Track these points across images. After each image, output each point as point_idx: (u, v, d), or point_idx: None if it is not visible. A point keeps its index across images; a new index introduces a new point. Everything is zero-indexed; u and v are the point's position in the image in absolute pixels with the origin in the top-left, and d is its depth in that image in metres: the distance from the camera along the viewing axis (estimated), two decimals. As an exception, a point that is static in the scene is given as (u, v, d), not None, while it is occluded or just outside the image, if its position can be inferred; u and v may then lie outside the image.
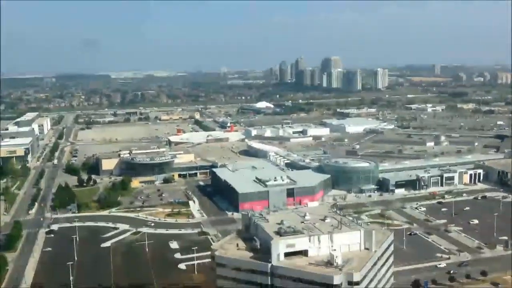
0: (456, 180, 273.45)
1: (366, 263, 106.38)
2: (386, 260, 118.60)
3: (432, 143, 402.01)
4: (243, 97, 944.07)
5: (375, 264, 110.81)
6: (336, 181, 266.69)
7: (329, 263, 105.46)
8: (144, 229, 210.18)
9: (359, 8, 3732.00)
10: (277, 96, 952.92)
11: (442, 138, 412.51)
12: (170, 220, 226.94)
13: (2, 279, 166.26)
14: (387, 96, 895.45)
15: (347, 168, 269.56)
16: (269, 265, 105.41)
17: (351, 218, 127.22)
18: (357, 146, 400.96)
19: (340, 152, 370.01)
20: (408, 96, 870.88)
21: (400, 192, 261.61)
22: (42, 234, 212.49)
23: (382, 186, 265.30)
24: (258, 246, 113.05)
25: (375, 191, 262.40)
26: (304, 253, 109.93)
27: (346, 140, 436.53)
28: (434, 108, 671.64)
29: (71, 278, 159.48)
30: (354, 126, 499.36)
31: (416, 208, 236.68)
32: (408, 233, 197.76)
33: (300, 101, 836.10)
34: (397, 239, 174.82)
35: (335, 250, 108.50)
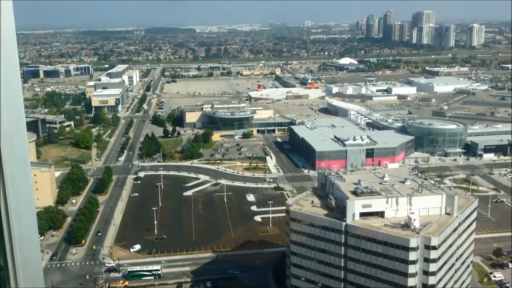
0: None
1: (446, 228, 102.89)
2: (468, 227, 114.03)
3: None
4: (326, 53, 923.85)
5: (455, 229, 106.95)
6: (420, 143, 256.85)
7: (406, 225, 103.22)
8: (223, 181, 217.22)
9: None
10: (362, 52, 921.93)
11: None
12: (247, 174, 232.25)
13: (94, 219, 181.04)
14: (482, 54, 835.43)
15: (432, 130, 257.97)
16: (344, 223, 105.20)
17: (433, 182, 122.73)
18: (445, 107, 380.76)
19: (426, 112, 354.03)
20: (505, 54, 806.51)
21: (489, 157, 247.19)
22: (130, 180, 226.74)
23: (470, 150, 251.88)
24: (334, 205, 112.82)
25: (462, 155, 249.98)
26: (380, 214, 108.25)
27: (433, 100, 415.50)
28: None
29: (155, 222, 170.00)
30: (443, 86, 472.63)
31: (504, 174, 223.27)
32: (494, 200, 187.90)
33: (387, 57, 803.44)
34: (482, 205, 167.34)
35: (413, 213, 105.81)
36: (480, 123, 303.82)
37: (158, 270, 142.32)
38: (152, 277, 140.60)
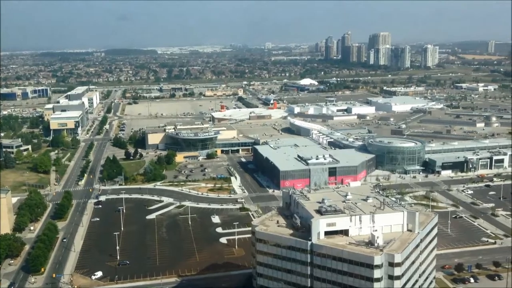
0: (506, 163, 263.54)
1: (408, 245, 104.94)
2: (429, 243, 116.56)
3: (482, 124, 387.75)
4: (287, 74, 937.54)
5: (417, 246, 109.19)
6: (380, 161, 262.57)
7: (370, 243, 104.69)
8: (187, 203, 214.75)
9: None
10: (322, 72, 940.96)
11: (493, 119, 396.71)
12: (212, 195, 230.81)
13: (54, 246, 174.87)
14: (436, 74, 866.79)
15: (392, 148, 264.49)
16: (309, 243, 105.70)
17: (394, 199, 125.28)
18: (403, 126, 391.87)
19: (385, 131, 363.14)
20: (459, 74, 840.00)
21: (447, 173, 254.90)
22: (91, 205, 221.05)
23: (428, 167, 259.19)
24: (299, 224, 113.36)
25: (420, 172, 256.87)
26: (344, 232, 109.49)
27: (392, 119, 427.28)
28: (486, 88, 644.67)
29: (117, 247, 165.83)
30: (401, 105, 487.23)
31: (462, 190, 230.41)
32: (454, 216, 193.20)
33: (346, 78, 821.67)
34: (442, 222, 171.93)
35: (376, 230, 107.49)
36: (437, 140, 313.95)
37: None
38: None
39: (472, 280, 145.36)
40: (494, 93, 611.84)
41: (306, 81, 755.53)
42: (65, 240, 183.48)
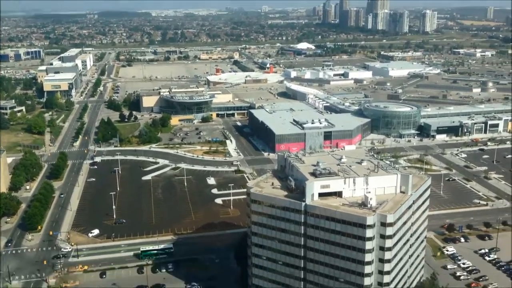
0: (500, 128, 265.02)
1: (401, 206, 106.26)
2: (422, 204, 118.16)
3: (478, 90, 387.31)
4: (284, 38, 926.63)
5: (409, 207, 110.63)
6: (375, 125, 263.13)
7: (363, 204, 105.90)
8: (183, 165, 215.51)
9: None
10: (319, 37, 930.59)
11: (490, 84, 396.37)
12: (207, 157, 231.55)
13: (50, 205, 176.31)
14: (434, 39, 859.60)
15: (388, 112, 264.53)
16: (303, 204, 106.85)
17: (388, 162, 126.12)
18: (400, 91, 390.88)
19: (382, 96, 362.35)
20: (457, 40, 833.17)
21: (441, 138, 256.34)
22: (86, 166, 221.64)
23: (423, 131, 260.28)
24: (293, 186, 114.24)
25: (415, 136, 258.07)
26: (338, 194, 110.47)
27: (388, 84, 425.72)
28: (483, 53, 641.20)
29: (114, 207, 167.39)
30: (398, 70, 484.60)
31: (456, 154, 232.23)
32: (447, 178, 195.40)
33: (343, 43, 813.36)
34: (435, 184, 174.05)
35: (369, 192, 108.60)
36: (433, 105, 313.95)
37: (171, 248, 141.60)
38: (165, 255, 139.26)
39: (462, 240, 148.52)
40: (491, 59, 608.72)
41: (303, 45, 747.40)
42: (62, 195, 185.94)
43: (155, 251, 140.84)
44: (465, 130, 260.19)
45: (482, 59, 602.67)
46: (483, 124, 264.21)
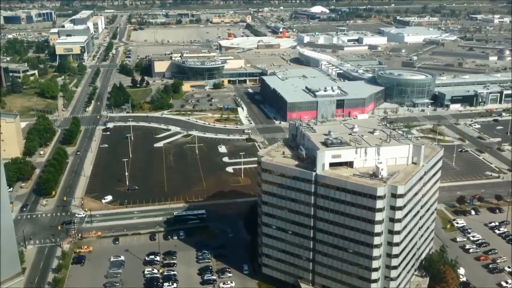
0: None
1: (412, 177, 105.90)
2: (433, 176, 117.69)
3: (495, 57, 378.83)
4: (297, 0, 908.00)
5: (421, 178, 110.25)
6: (389, 93, 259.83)
7: (374, 175, 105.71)
8: (194, 132, 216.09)
9: None
10: (334, 0, 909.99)
11: (507, 52, 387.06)
12: (219, 125, 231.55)
13: (63, 170, 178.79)
14: (451, 4, 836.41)
15: (402, 80, 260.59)
16: (314, 173, 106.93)
17: (400, 132, 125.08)
18: (415, 58, 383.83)
19: (396, 63, 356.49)
20: (475, 5, 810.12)
21: (455, 107, 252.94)
22: (99, 131, 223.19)
23: (437, 100, 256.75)
24: (304, 155, 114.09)
25: (429, 106, 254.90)
26: (349, 164, 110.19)
27: (403, 50, 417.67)
28: (501, 20, 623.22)
29: (126, 173, 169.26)
30: (414, 36, 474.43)
31: (470, 125, 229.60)
32: (459, 149, 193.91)
33: (358, 6, 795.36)
34: (447, 155, 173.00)
35: (381, 162, 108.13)
36: (448, 73, 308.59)
37: (204, 214, 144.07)
38: (198, 221, 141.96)
39: (473, 212, 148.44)
40: (509, 25, 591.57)
41: (317, 9, 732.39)
42: (78, 153, 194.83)
43: (189, 216, 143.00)
44: (480, 100, 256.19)
45: (500, 26, 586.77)
46: (499, 94, 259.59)
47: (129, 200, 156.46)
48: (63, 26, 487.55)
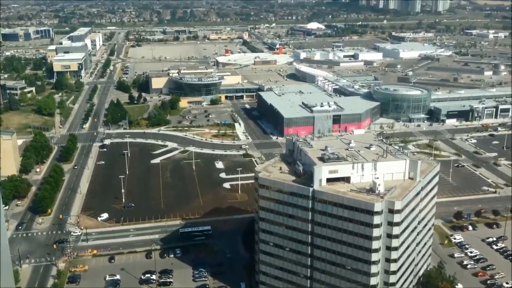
0: (511, 113, 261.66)
1: (409, 193, 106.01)
2: (430, 191, 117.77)
3: (490, 72, 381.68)
4: (293, 17, 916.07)
5: (418, 194, 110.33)
6: (385, 109, 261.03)
7: (371, 190, 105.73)
8: (192, 148, 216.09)
9: None
10: (330, 16, 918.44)
11: (502, 67, 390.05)
12: (216, 141, 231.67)
13: (60, 188, 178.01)
14: (446, 20, 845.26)
15: (397, 96, 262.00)
16: (311, 189, 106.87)
17: (397, 147, 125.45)
18: (410, 73, 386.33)
19: (392, 78, 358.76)
20: (469, 20, 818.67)
21: (451, 122, 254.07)
22: (96, 148, 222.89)
23: (433, 115, 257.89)
24: (301, 171, 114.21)
25: (425, 121, 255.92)
26: (346, 179, 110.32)
27: (399, 66, 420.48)
28: (496, 35, 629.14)
29: (123, 190, 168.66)
30: (409, 51, 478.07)
31: (466, 139, 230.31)
32: (456, 165, 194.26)
33: (354, 23, 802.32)
34: (444, 170, 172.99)
35: (378, 178, 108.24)
36: (444, 89, 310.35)
37: (209, 230, 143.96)
38: (204, 237, 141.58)
39: (470, 228, 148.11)
40: (504, 40, 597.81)
41: (313, 25, 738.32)
42: (76, 167, 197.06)
43: (194, 232, 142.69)
44: (476, 115, 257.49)
45: (495, 41, 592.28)
46: (494, 109, 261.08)
47: (125, 218, 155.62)
48: (61, 43, 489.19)
